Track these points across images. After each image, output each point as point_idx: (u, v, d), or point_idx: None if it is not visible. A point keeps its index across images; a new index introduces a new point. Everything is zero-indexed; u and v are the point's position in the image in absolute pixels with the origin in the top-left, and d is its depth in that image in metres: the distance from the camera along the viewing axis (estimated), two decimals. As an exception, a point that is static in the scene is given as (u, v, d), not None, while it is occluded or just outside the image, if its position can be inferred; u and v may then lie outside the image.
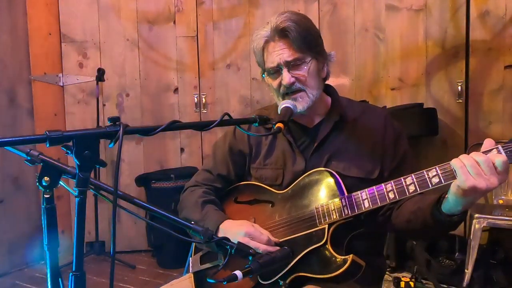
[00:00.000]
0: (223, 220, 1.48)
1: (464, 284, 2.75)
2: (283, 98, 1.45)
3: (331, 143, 1.49)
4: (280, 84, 1.44)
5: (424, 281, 2.92)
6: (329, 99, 1.56)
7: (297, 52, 1.42)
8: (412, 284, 2.83)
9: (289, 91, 1.43)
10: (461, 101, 3.22)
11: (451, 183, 1.19)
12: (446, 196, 1.22)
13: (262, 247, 1.36)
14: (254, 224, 1.44)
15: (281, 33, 1.42)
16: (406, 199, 1.39)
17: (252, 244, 1.36)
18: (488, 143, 1.16)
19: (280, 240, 1.42)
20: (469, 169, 1.12)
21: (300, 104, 1.43)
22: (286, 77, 1.42)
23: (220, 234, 1.45)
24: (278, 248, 1.39)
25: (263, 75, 1.52)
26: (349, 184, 1.39)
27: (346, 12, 3.47)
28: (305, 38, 1.42)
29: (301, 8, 3.53)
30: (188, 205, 1.60)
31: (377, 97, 3.44)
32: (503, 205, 2.72)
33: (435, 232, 1.47)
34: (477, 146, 1.18)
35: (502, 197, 2.73)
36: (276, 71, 1.45)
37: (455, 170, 1.15)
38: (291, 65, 1.42)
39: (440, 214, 1.25)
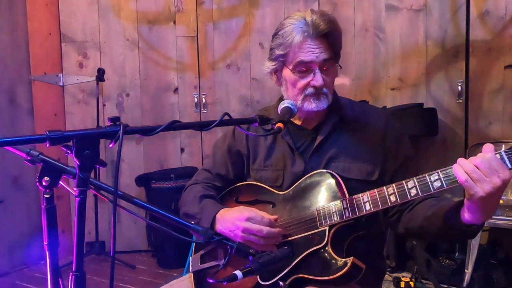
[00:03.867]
0: (219, 209, 1.48)
1: (464, 284, 2.75)
2: (304, 98, 1.43)
3: (330, 145, 1.48)
4: (307, 84, 1.42)
5: (424, 281, 2.92)
6: None
7: (332, 56, 1.42)
8: (412, 284, 2.83)
9: (316, 93, 1.42)
10: (461, 101, 3.21)
11: (454, 187, 1.18)
12: (464, 208, 1.20)
13: (265, 229, 1.37)
14: (252, 208, 1.44)
15: (321, 33, 1.39)
16: (417, 201, 1.38)
17: (255, 227, 1.37)
18: (487, 149, 1.14)
19: (281, 241, 1.42)
20: (471, 176, 1.11)
21: (321, 103, 1.43)
22: (320, 79, 1.40)
23: (218, 223, 1.45)
24: (279, 229, 1.40)
25: (275, 71, 1.49)
26: (348, 186, 1.38)
27: (346, 12, 3.47)
28: (339, 44, 1.44)
29: (301, 8, 3.52)
30: (187, 200, 1.62)
31: (377, 97, 3.44)
32: (503, 205, 2.72)
33: (449, 238, 1.45)
34: (477, 146, 1.18)
35: (503, 197, 2.72)
36: (305, 70, 1.42)
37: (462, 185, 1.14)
38: (323, 68, 1.41)
39: (459, 224, 1.22)
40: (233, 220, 1.41)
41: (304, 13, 1.42)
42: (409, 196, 1.26)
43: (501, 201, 2.69)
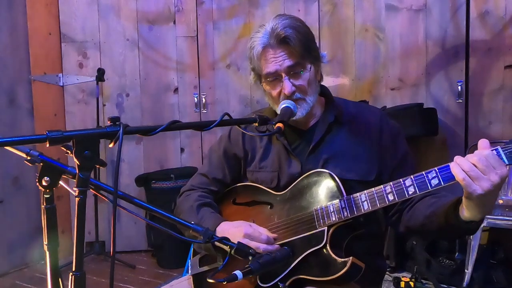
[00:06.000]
0: (219, 222, 1.47)
1: (464, 284, 2.74)
2: None
3: (326, 145, 1.48)
4: (280, 93, 1.42)
5: (424, 281, 2.92)
6: (323, 100, 1.54)
7: (298, 60, 1.40)
8: (412, 284, 2.83)
9: (290, 99, 1.41)
10: (461, 101, 3.22)
11: (451, 184, 1.18)
12: (462, 205, 1.20)
13: (262, 247, 1.36)
14: (252, 224, 1.43)
15: (281, 40, 1.38)
16: (416, 200, 1.38)
17: (252, 244, 1.35)
18: (482, 145, 1.14)
19: (279, 242, 1.41)
20: (469, 174, 1.11)
21: (299, 111, 1.42)
22: (288, 86, 1.40)
23: None
24: (278, 246, 1.39)
25: (259, 82, 1.49)
26: (346, 187, 1.38)
27: (346, 12, 3.47)
28: (304, 45, 1.40)
29: (301, 8, 3.52)
30: (183, 209, 1.59)
31: (377, 97, 3.44)
32: (503, 205, 2.72)
33: (450, 236, 1.43)
34: (477, 146, 1.18)
35: (502, 197, 2.72)
36: (274, 79, 1.43)
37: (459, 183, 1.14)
38: (292, 74, 1.40)
39: (458, 221, 1.22)
40: (231, 236, 1.37)
41: (268, 23, 1.41)
42: (407, 194, 1.25)
43: (500, 201, 2.71)
